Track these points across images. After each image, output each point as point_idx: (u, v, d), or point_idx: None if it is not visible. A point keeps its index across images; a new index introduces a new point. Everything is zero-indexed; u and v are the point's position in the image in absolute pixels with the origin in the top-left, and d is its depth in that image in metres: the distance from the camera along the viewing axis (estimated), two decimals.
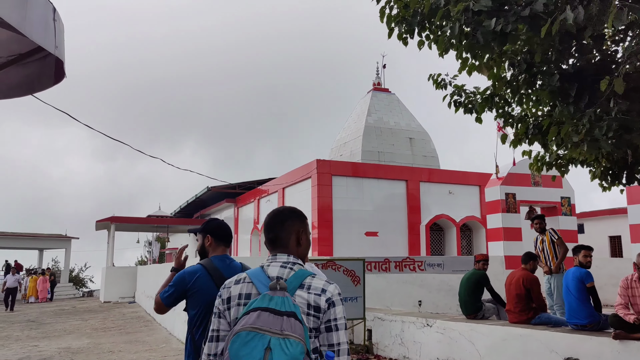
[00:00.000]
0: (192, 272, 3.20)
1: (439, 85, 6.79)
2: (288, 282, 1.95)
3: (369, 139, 19.89)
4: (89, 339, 13.16)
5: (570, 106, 4.07)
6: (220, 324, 1.99)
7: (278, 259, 2.09)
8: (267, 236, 2.21)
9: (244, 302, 1.95)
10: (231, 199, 24.71)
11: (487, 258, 8.28)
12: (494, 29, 3.70)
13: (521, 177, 14.07)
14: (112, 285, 25.73)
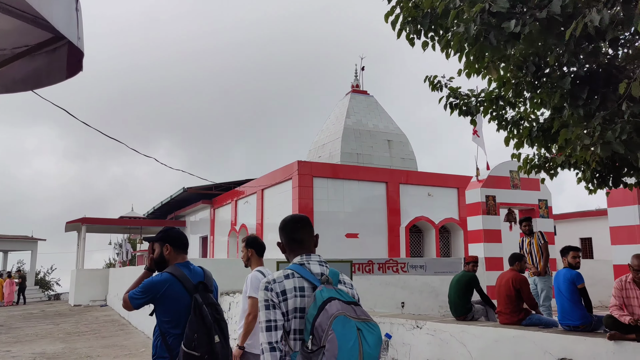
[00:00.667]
0: (163, 281, 3.23)
1: (434, 87, 6.79)
2: (331, 277, 2.34)
3: (348, 141, 19.90)
4: (63, 344, 12.78)
5: (579, 109, 4.09)
6: (277, 315, 2.24)
7: (313, 258, 2.44)
8: (294, 237, 2.53)
9: (299, 294, 2.26)
10: (207, 200, 24.40)
11: (477, 260, 8.33)
12: (512, 31, 3.68)
13: (501, 179, 14.25)
14: (83, 288, 25.11)
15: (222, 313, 3.30)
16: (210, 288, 3.41)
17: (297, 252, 2.49)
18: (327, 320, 2.08)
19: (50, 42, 2.87)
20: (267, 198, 18.60)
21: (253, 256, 4.58)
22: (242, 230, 19.87)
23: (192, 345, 3.04)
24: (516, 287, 7.10)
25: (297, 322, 2.24)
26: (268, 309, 2.25)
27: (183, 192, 23.74)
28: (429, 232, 18.15)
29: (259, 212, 18.92)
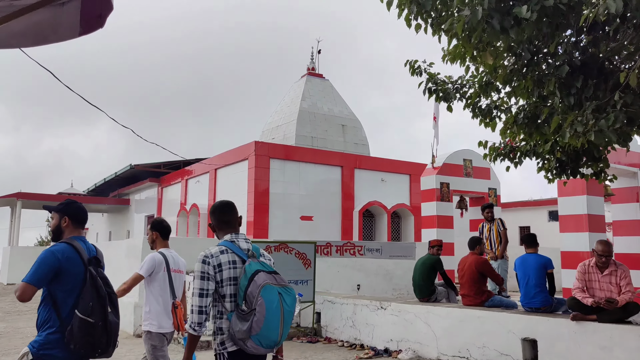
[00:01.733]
0: (62, 250, 3.25)
1: (414, 72, 6.85)
2: (254, 252, 2.94)
3: (303, 124, 19.84)
4: (3, 323, 12.18)
5: (571, 97, 4.24)
6: (210, 285, 2.81)
7: (240, 237, 3.00)
8: (224, 219, 3.06)
9: (232, 267, 2.85)
10: (155, 178, 23.74)
11: (442, 244, 8.55)
12: (522, 16, 3.75)
13: (455, 167, 14.64)
14: (17, 266, 23.93)
15: (112, 287, 3.45)
16: (101, 264, 3.53)
17: (227, 231, 3.02)
18: (257, 289, 2.69)
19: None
20: (220, 178, 18.31)
21: (158, 238, 4.78)
22: (193, 210, 19.50)
23: (87, 313, 3.16)
24: (479, 270, 7.34)
25: (231, 289, 2.82)
26: (203, 279, 2.81)
27: (129, 169, 23.00)
28: (381, 216, 18.45)
29: (212, 192, 18.61)
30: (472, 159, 15.05)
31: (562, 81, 4.24)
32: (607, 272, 6.02)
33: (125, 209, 28.37)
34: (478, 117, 7.01)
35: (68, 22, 2.79)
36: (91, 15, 2.64)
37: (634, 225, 12.30)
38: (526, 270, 6.79)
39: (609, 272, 6.01)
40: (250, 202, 15.86)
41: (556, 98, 4.31)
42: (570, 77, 4.19)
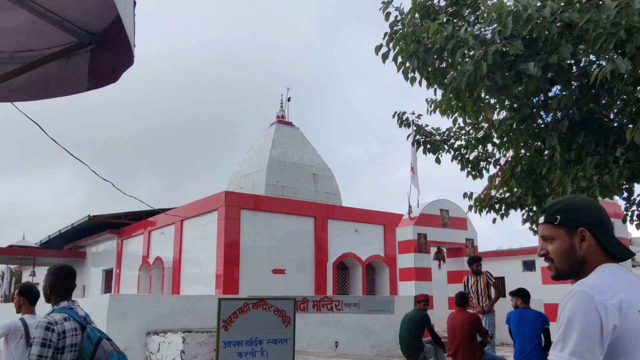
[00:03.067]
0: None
1: (402, 123, 6.98)
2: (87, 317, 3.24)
3: (273, 173, 19.83)
4: None
5: (571, 152, 4.36)
6: (49, 352, 2.92)
7: (76, 304, 3.23)
8: (67, 286, 3.26)
9: (75, 334, 3.05)
10: (114, 230, 23.10)
11: (428, 298, 8.50)
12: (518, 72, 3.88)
13: (432, 217, 14.77)
14: None
15: None
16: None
17: (65, 298, 3.23)
18: (104, 354, 3.06)
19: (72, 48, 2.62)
20: (187, 229, 17.96)
21: (24, 304, 4.78)
22: (156, 264, 18.97)
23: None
24: (474, 328, 7.31)
25: (71, 355, 3.03)
26: (44, 346, 2.92)
27: (87, 220, 22.37)
28: (356, 269, 18.34)
29: (178, 244, 18.19)
30: (449, 209, 15.25)
31: (562, 136, 4.37)
32: None
33: (81, 262, 27.41)
34: (466, 168, 7.16)
35: (75, 76, 2.73)
36: (102, 69, 2.59)
37: None
38: (523, 326, 6.79)
39: None
40: (220, 254, 15.55)
41: (557, 153, 4.43)
42: (571, 133, 4.33)
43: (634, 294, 1.56)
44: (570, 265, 1.74)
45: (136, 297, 10.47)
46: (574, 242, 1.73)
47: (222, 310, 8.63)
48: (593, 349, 1.49)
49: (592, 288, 1.56)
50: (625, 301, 1.53)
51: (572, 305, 1.56)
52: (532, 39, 3.96)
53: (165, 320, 10.25)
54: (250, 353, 8.82)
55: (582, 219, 1.73)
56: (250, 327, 8.82)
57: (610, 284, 1.59)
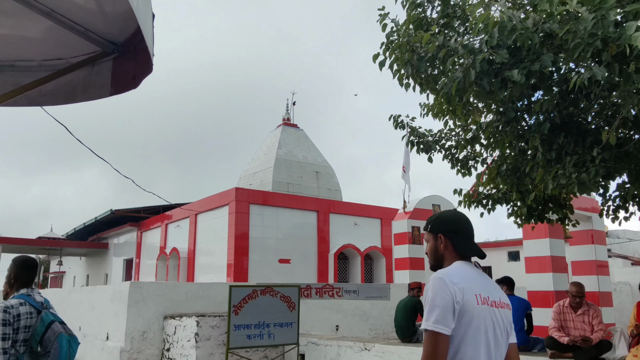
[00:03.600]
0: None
1: (397, 125, 6.99)
2: (47, 304, 3.41)
3: (279, 171, 19.85)
4: None
5: (552, 152, 4.37)
6: (9, 330, 3.15)
7: (36, 291, 3.42)
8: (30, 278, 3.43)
9: (29, 317, 3.24)
10: (134, 222, 23.17)
11: (421, 286, 8.51)
12: (504, 78, 3.88)
13: (425, 212, 14.77)
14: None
15: None
16: None
17: (26, 286, 3.39)
18: (53, 335, 3.23)
19: (96, 57, 2.64)
20: (201, 223, 18.00)
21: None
22: (173, 254, 19.02)
23: None
24: None
25: (23, 335, 3.22)
26: (5, 325, 3.15)
27: (110, 214, 22.43)
28: (355, 259, 18.36)
29: (192, 236, 18.24)
30: (440, 204, 15.24)
31: (544, 137, 4.37)
32: (581, 311, 6.08)
33: (103, 252, 27.51)
34: (455, 167, 7.16)
35: (99, 82, 2.75)
36: (124, 77, 2.61)
37: (590, 265, 12.56)
38: None
39: (582, 312, 6.08)
40: (231, 246, 15.59)
41: (539, 153, 4.43)
42: (552, 134, 4.33)
43: (472, 282, 2.07)
44: (435, 259, 2.27)
45: (154, 284, 10.50)
46: (437, 243, 2.26)
47: (232, 296, 8.67)
48: (448, 318, 1.95)
49: (447, 276, 2.03)
50: (466, 286, 2.02)
51: (433, 288, 2.01)
52: (516, 48, 3.96)
53: (181, 305, 10.29)
54: (258, 335, 8.86)
55: (441, 227, 2.27)
56: (258, 312, 8.86)
57: (458, 274, 2.06)
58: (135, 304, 9.80)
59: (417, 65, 4.41)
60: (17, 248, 26.32)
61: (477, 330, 2.01)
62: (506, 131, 4.95)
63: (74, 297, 14.33)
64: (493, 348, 2.05)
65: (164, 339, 9.91)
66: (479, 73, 3.94)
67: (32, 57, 2.84)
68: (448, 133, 7.12)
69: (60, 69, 2.79)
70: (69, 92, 2.82)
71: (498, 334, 2.08)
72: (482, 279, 2.17)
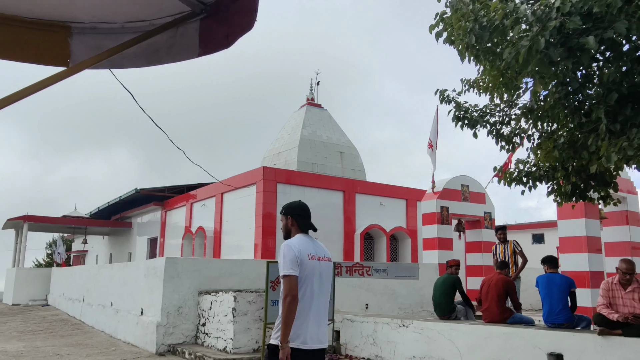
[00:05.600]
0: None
1: (444, 100, 6.94)
2: None
3: (304, 151, 19.85)
4: (21, 342, 11.76)
5: (617, 124, 4.30)
6: None
7: None
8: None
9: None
10: (159, 202, 23.43)
11: (459, 263, 8.52)
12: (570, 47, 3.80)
13: (454, 192, 14.70)
14: (22, 287, 23.32)
15: None
16: None
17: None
18: None
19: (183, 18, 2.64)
20: (227, 202, 18.14)
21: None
22: (199, 233, 19.22)
23: None
24: (505, 289, 7.32)
25: None
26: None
27: (134, 193, 22.69)
28: (380, 239, 18.39)
29: (218, 215, 18.40)
30: (469, 184, 15.15)
31: (608, 109, 4.30)
32: (630, 289, 6.03)
33: (127, 231, 27.91)
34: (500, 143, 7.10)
35: (185, 43, 2.74)
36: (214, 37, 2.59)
37: (624, 247, 12.41)
38: (551, 289, 6.78)
39: (632, 289, 6.03)
40: (258, 224, 15.70)
41: (602, 124, 4.36)
42: (618, 105, 4.25)
43: (306, 246, 3.35)
44: (286, 232, 3.54)
45: (189, 260, 10.63)
46: (287, 222, 3.53)
47: (270, 272, 8.75)
48: (295, 266, 3.19)
49: (291, 243, 3.34)
50: (302, 249, 3.29)
51: (284, 250, 3.28)
52: (588, 15, 3.88)
53: (214, 281, 10.42)
54: None
55: (291, 212, 3.53)
56: None
57: (298, 242, 3.35)
58: (171, 279, 9.95)
59: (479, 34, 4.34)
60: (42, 226, 26.85)
61: (310, 274, 3.25)
62: (564, 103, 4.88)
63: (105, 273, 14.60)
64: (319, 284, 3.32)
65: (198, 314, 10.07)
66: (546, 42, 3.86)
67: (114, 19, 2.84)
68: (493, 109, 7.05)
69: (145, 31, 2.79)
70: (151, 54, 2.82)
71: (323, 276, 3.39)
72: (313, 244, 3.44)
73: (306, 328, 3.19)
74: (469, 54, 5.00)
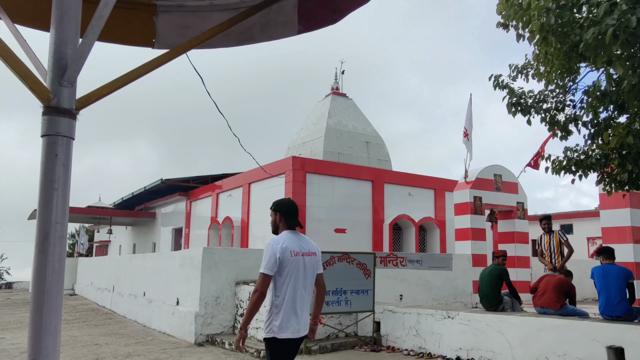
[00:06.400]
0: None
1: (497, 85, 6.74)
2: None
3: (330, 140, 19.70)
4: None
5: None
6: None
7: None
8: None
9: None
10: (183, 192, 23.48)
11: (506, 254, 8.34)
12: None
13: (486, 182, 14.46)
14: None
15: None
16: None
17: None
18: None
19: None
20: (254, 192, 18.08)
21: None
22: (226, 223, 19.22)
23: None
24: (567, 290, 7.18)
25: None
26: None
27: (160, 184, 22.76)
28: (409, 229, 18.21)
29: (245, 205, 18.36)
30: (502, 174, 14.89)
31: None
32: None
33: (150, 222, 28.07)
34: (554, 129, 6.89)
35: (281, 21, 2.60)
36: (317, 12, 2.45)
37: None
38: (608, 280, 6.58)
39: None
40: None
41: None
42: None
43: (291, 242, 3.56)
44: (274, 227, 3.77)
45: (226, 250, 10.58)
46: (276, 218, 3.74)
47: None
48: (273, 266, 3.48)
49: (274, 241, 3.57)
50: (287, 245, 3.52)
51: (266, 249, 3.54)
52: None
53: (252, 271, 10.37)
54: (336, 302, 8.85)
55: (280, 209, 3.73)
56: (335, 278, 8.84)
57: (283, 239, 3.57)
58: (208, 269, 9.91)
59: (560, 14, 4.14)
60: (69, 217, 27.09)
61: (294, 269, 3.52)
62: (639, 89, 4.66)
63: (136, 263, 14.65)
64: (303, 278, 3.56)
65: (236, 305, 10.03)
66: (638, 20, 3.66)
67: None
68: (547, 95, 6.84)
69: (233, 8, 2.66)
70: (243, 32, 2.69)
71: (308, 271, 3.61)
72: (299, 241, 3.64)
73: (289, 320, 3.51)
74: (540, 35, 4.80)
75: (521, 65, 6.94)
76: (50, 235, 1.53)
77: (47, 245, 1.53)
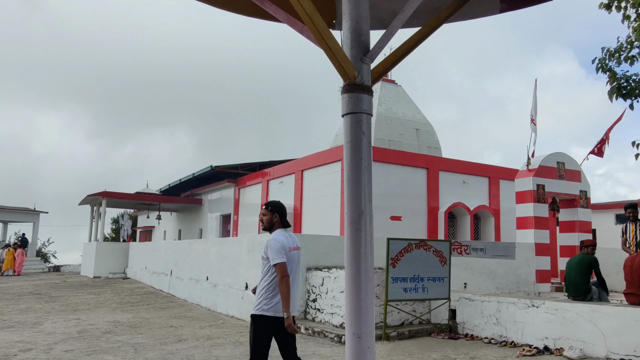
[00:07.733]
0: None
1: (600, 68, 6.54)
2: None
3: (381, 127, 19.54)
4: (127, 313, 12.19)
5: None
6: None
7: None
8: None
9: None
10: (232, 179, 23.73)
11: (595, 244, 8.15)
12: None
13: (549, 170, 14.15)
14: (102, 260, 24.29)
15: None
16: None
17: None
18: None
19: None
20: (307, 179, 18.13)
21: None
22: None
23: None
24: None
25: None
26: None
27: (209, 170, 23.04)
28: (463, 217, 18.01)
29: (298, 192, 18.44)
30: (565, 161, 14.54)
31: None
32: None
33: (197, 208, 28.49)
34: None
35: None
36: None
37: None
38: None
39: None
40: (343, 202, 15.60)
41: None
42: None
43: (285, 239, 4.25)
44: (270, 226, 4.37)
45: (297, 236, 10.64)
46: (272, 217, 4.35)
47: (390, 249, 8.64)
48: (282, 254, 4.14)
49: (275, 239, 4.22)
50: (283, 242, 4.21)
51: (272, 244, 4.16)
52: None
53: (321, 257, 10.43)
54: (413, 289, 8.84)
55: (276, 210, 4.38)
56: (413, 265, 8.82)
57: (280, 236, 4.25)
58: None
59: None
60: (117, 202, 27.75)
61: (290, 262, 4.21)
62: None
63: (198, 248, 14.90)
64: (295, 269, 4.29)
65: (307, 290, 10.11)
66: None
67: None
68: None
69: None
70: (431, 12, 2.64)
71: (295, 262, 4.31)
72: (290, 237, 4.33)
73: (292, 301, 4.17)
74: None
75: (614, 49, 6.72)
76: (365, 213, 1.53)
77: (362, 223, 1.53)
